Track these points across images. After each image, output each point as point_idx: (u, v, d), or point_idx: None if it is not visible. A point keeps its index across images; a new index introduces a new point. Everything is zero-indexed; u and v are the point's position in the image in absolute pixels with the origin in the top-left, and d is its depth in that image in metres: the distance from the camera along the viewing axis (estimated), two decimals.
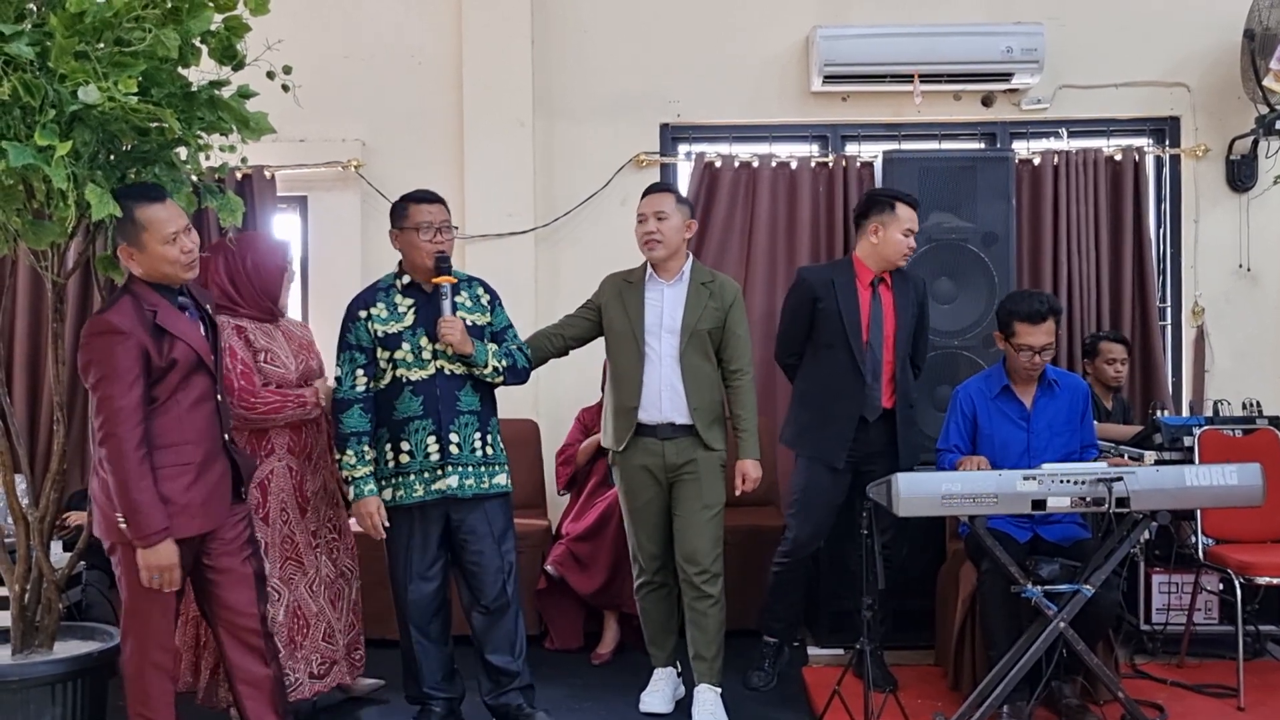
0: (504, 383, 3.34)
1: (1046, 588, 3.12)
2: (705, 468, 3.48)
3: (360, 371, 3.26)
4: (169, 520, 2.70)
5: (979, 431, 3.59)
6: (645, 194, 3.54)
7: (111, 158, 2.80)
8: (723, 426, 3.55)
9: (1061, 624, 3.08)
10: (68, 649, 3.08)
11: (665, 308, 3.49)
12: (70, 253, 3.14)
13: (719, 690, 3.48)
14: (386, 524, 3.24)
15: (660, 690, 3.57)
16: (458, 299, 3.31)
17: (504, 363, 3.30)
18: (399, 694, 3.50)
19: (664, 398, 3.45)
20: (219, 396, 2.89)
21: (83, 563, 3.76)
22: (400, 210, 3.33)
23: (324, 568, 3.43)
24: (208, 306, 2.96)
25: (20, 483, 3.19)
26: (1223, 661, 3.89)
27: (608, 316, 3.55)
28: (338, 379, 3.30)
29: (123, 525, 2.70)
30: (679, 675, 3.64)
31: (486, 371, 3.27)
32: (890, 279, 3.78)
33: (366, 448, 3.26)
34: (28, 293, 4.80)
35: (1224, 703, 3.57)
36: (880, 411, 3.70)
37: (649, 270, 3.54)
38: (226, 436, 2.93)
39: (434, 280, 3.25)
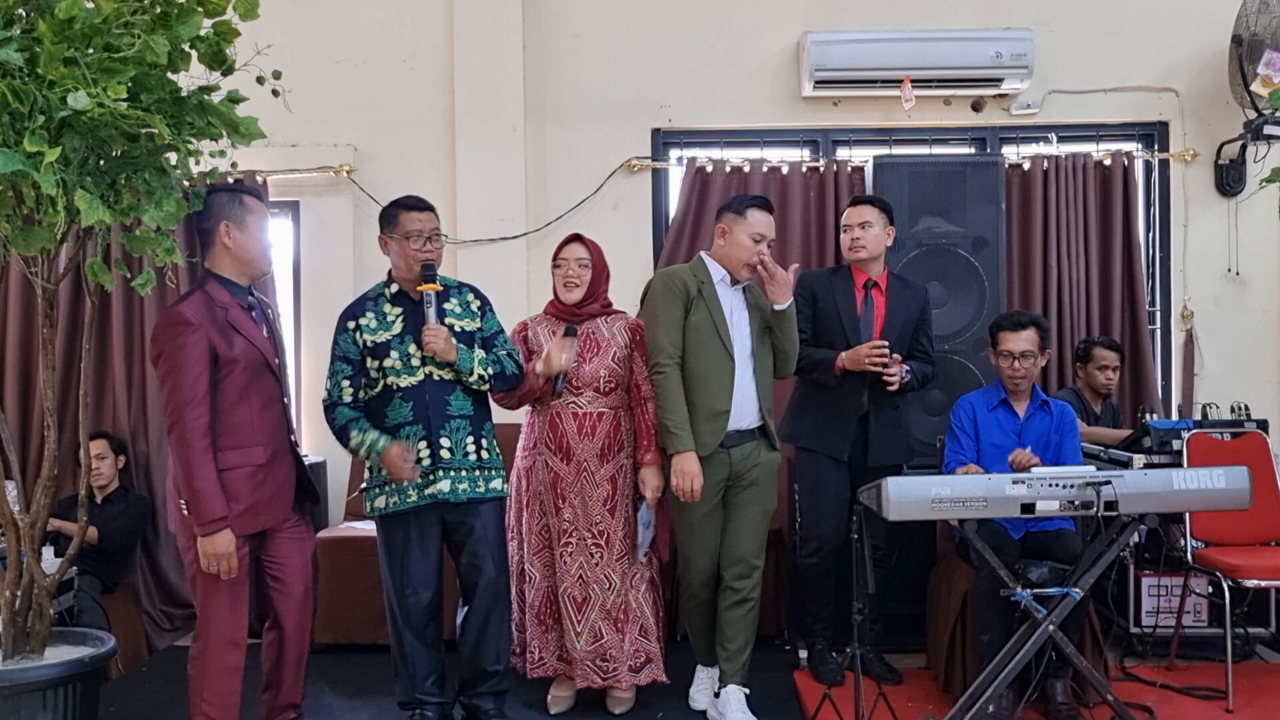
0: (492, 389, 3.35)
1: (1036, 590, 3.14)
2: (766, 472, 3.52)
3: (346, 382, 3.28)
4: (227, 509, 2.83)
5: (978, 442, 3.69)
6: (764, 213, 3.49)
7: (101, 163, 2.79)
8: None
9: (1050, 627, 3.10)
10: (59, 654, 3.07)
11: (735, 311, 3.51)
12: (60, 258, 3.13)
13: (747, 690, 3.51)
14: (417, 462, 3.20)
15: (710, 688, 3.61)
16: (446, 305, 3.32)
17: (491, 370, 3.29)
18: (390, 698, 3.49)
19: (738, 403, 3.46)
20: (285, 399, 3.04)
21: (74, 569, 3.76)
22: (390, 216, 3.33)
23: (575, 567, 3.49)
24: (269, 312, 3.10)
25: (11, 489, 3.19)
26: (1212, 664, 3.91)
27: (694, 316, 3.46)
28: (327, 389, 3.32)
29: (185, 512, 2.83)
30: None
31: (472, 379, 3.26)
32: (885, 283, 3.87)
33: (365, 423, 3.24)
34: (19, 299, 4.80)
35: (1213, 705, 3.58)
36: (865, 409, 3.77)
37: (720, 272, 3.52)
38: (293, 439, 3.05)
39: (419, 288, 3.25)
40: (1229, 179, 5.01)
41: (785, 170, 4.95)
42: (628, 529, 3.51)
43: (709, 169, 4.94)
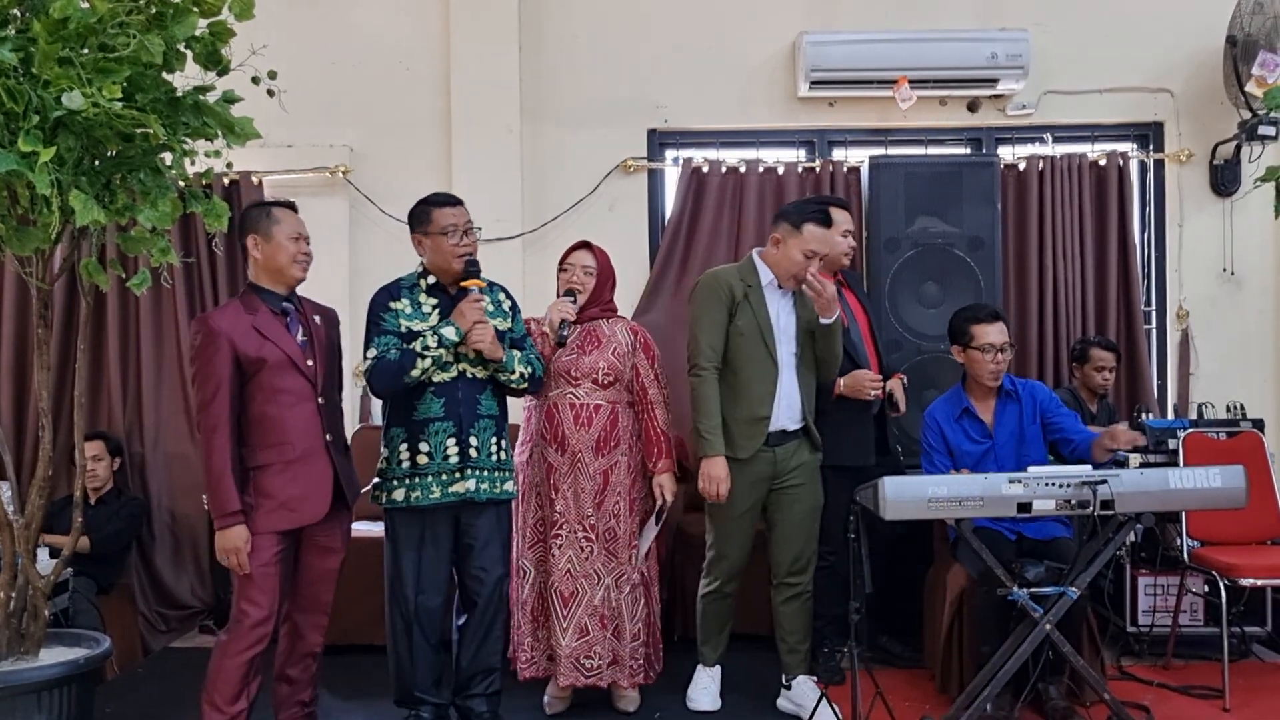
0: (529, 390, 3.37)
1: (1032, 590, 3.14)
2: (811, 471, 3.54)
3: (396, 353, 3.19)
4: (240, 504, 2.93)
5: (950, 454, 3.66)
6: (822, 228, 3.42)
7: (96, 163, 2.79)
8: None
9: (1048, 626, 3.10)
10: (54, 656, 3.07)
11: (782, 314, 3.51)
12: (56, 258, 3.13)
13: (815, 677, 3.58)
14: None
15: (709, 688, 3.62)
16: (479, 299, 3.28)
17: (528, 369, 3.31)
18: (386, 699, 3.48)
19: (781, 406, 3.47)
20: (320, 399, 3.08)
21: (69, 570, 3.76)
22: (423, 215, 3.30)
23: (564, 561, 3.45)
24: (315, 318, 3.17)
25: (5, 489, 3.18)
26: (1208, 663, 3.92)
27: (739, 320, 3.45)
28: (372, 356, 3.21)
29: (207, 506, 2.96)
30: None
31: (514, 378, 3.28)
32: (845, 278, 3.95)
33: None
34: (14, 299, 4.79)
35: (1209, 704, 3.59)
36: (877, 408, 3.81)
37: (769, 275, 3.50)
38: (329, 437, 3.08)
39: (463, 284, 3.25)
40: (1224, 179, 5.01)
41: (781, 171, 4.95)
42: (618, 525, 3.48)
43: (705, 169, 4.94)
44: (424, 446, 3.21)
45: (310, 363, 3.08)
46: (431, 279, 3.32)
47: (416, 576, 3.27)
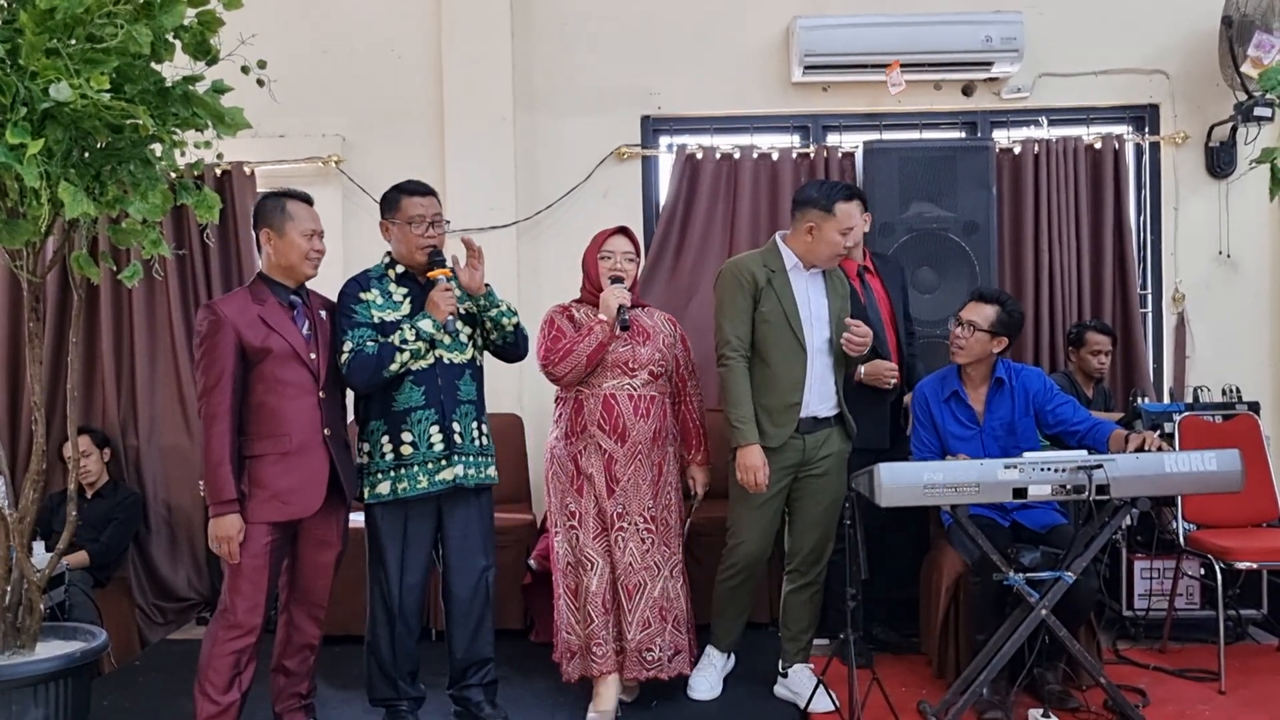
0: (514, 339, 3.35)
1: (1028, 575, 3.14)
2: (838, 461, 3.50)
3: (372, 344, 3.16)
4: (236, 494, 2.93)
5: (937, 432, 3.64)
6: (850, 203, 3.39)
7: (85, 155, 2.77)
8: None
9: (1043, 611, 3.10)
10: (50, 649, 3.07)
11: (812, 298, 3.46)
12: (46, 251, 3.11)
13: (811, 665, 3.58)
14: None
15: (708, 675, 3.59)
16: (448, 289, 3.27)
17: (515, 317, 3.33)
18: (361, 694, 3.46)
19: (813, 392, 3.43)
20: (321, 393, 3.08)
21: (65, 563, 3.75)
22: (392, 201, 3.30)
23: (629, 554, 3.38)
24: (321, 312, 3.19)
25: (0, 484, 3.17)
26: (1204, 646, 3.93)
27: (763, 307, 3.40)
28: (350, 348, 3.16)
29: (201, 493, 2.89)
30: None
31: (503, 310, 3.28)
32: (872, 264, 3.92)
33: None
34: (6, 292, 4.77)
35: (1205, 686, 3.60)
36: (896, 392, 3.83)
37: (793, 259, 3.45)
38: (328, 431, 3.07)
39: (429, 274, 3.24)
40: (1219, 161, 5.00)
41: (775, 157, 4.93)
42: (669, 515, 3.46)
43: (699, 156, 4.92)
44: (407, 436, 3.20)
45: (313, 356, 3.09)
46: (400, 268, 3.31)
47: (402, 567, 3.26)
